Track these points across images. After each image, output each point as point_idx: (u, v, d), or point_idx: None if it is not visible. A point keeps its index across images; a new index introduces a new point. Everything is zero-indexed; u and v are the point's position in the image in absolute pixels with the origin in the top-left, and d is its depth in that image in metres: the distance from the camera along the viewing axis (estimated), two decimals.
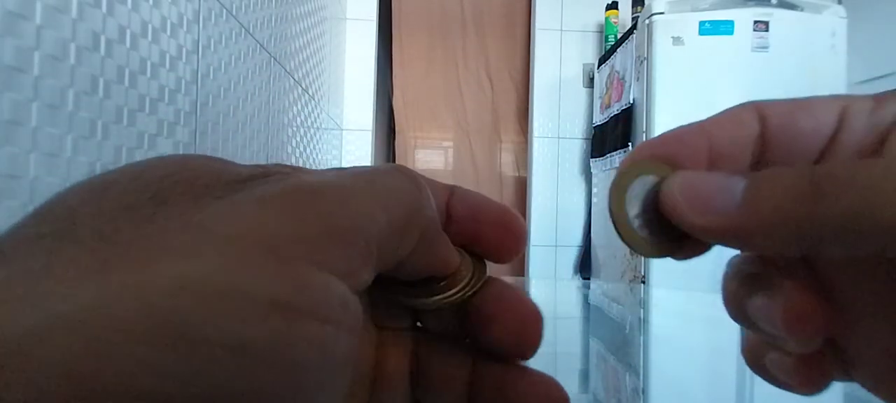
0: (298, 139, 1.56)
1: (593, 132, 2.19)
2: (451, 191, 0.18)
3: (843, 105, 0.16)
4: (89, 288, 0.10)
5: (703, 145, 0.17)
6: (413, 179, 0.15)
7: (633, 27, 1.80)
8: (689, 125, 0.17)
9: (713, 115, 0.17)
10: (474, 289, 0.17)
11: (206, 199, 0.12)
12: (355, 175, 0.14)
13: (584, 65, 2.38)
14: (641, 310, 1.04)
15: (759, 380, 0.17)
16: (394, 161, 2.64)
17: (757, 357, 0.18)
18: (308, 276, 0.12)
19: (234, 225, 0.11)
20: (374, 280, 0.14)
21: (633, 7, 2.11)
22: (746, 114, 0.17)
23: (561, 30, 2.39)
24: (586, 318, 0.95)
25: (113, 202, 0.12)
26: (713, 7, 1.60)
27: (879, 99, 0.16)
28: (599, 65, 2.17)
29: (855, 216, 0.13)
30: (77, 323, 0.09)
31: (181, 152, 0.85)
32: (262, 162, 0.15)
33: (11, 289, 0.10)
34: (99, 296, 0.10)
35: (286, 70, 1.39)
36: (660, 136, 0.17)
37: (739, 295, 0.17)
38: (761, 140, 0.17)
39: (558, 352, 0.72)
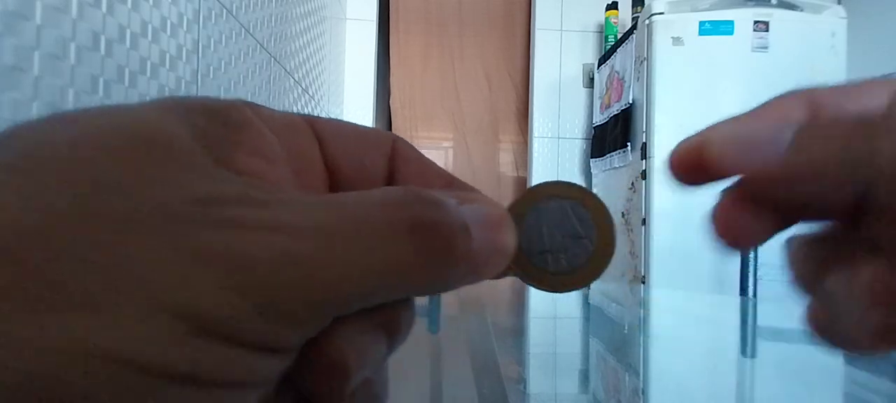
0: None
1: (593, 132, 2.19)
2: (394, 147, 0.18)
3: (892, 88, 0.16)
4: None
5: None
6: (425, 245, 0.13)
7: (633, 27, 1.80)
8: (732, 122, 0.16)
9: (754, 109, 0.17)
10: None
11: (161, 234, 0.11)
12: (335, 232, 0.12)
13: (584, 65, 2.39)
14: (641, 310, 1.04)
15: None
16: None
17: (823, 327, 0.17)
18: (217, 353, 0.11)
19: (159, 283, 0.10)
20: None
21: (633, 7, 2.11)
22: (794, 106, 0.16)
23: (561, 30, 2.39)
24: (586, 318, 0.95)
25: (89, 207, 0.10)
26: (713, 7, 1.60)
27: None
28: (599, 65, 2.17)
29: None
30: None
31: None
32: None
33: None
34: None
35: (286, 70, 1.39)
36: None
37: (813, 274, 0.16)
38: None
39: (558, 352, 0.72)
